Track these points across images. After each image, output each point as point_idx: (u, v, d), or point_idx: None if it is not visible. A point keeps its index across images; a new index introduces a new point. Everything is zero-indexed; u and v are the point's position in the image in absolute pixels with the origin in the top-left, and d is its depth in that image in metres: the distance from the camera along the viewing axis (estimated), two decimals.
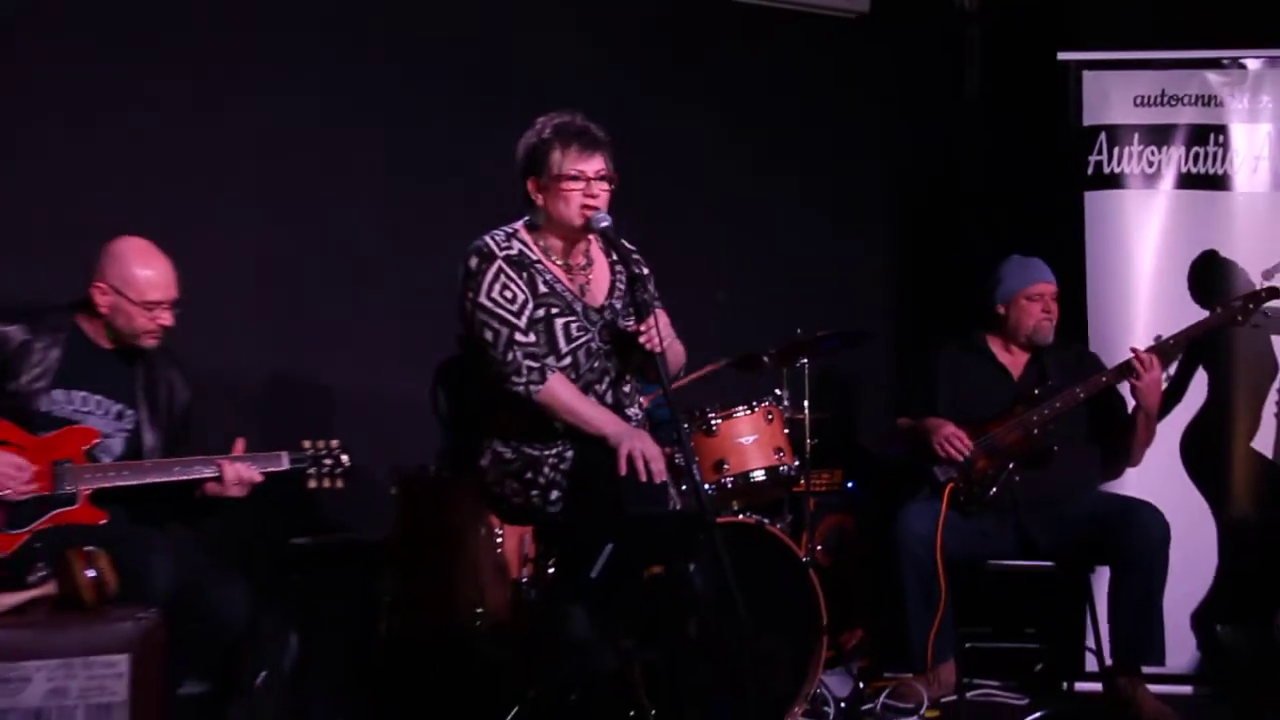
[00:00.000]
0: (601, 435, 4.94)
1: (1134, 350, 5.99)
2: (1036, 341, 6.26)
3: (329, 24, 6.88)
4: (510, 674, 5.43)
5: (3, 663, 3.53)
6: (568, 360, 5.02)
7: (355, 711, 5.81)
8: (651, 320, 4.88)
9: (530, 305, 4.98)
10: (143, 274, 5.12)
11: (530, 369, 4.92)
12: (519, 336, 4.93)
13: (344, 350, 6.75)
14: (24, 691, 3.54)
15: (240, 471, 5.03)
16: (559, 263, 5.10)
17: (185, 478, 5.09)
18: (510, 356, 4.92)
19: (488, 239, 5.05)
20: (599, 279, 5.20)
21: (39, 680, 3.57)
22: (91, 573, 3.79)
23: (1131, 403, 6.17)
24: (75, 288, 5.25)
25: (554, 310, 5.01)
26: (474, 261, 5.02)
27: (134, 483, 5.07)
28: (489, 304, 4.96)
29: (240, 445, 5.12)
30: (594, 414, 4.98)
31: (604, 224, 4.93)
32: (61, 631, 3.64)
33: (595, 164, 4.98)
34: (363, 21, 6.96)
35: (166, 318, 5.16)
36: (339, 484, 5.36)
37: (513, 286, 4.98)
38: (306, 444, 5.29)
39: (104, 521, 5.01)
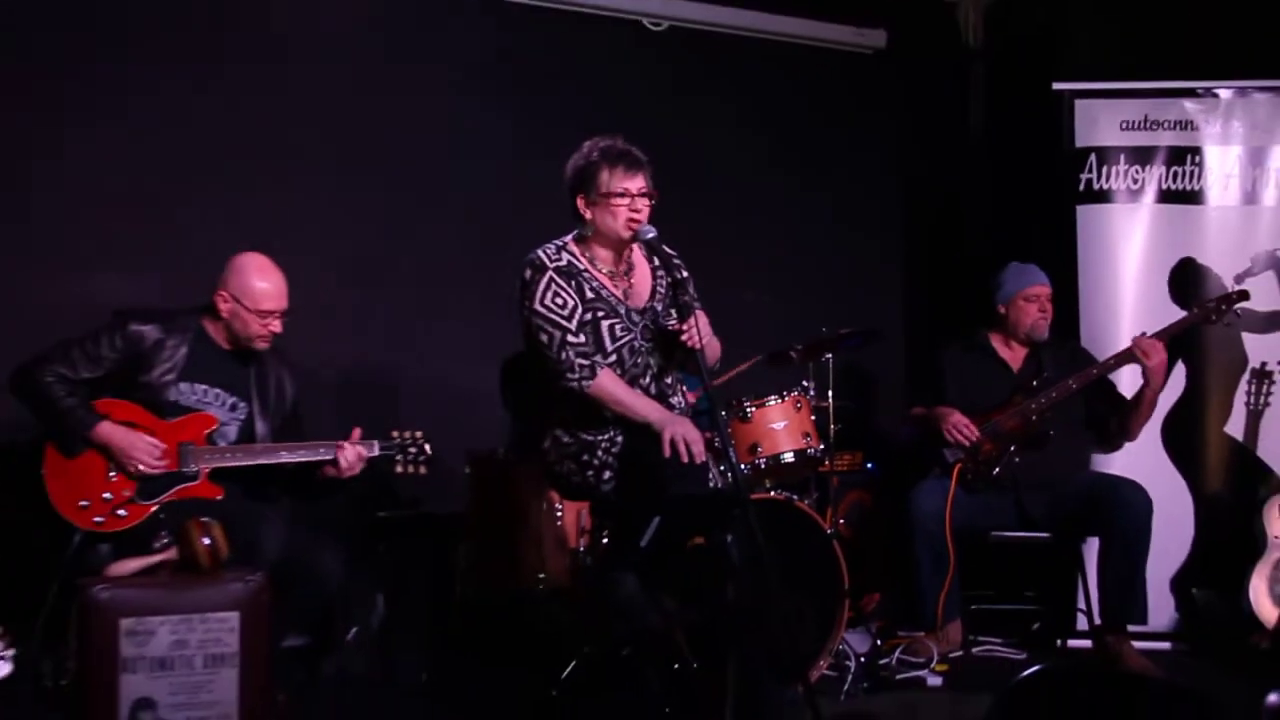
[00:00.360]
0: (646, 422, 4.94)
1: (1135, 339, 5.96)
2: (1034, 338, 6.24)
3: (413, 52, 6.90)
4: (568, 632, 5.42)
5: (133, 618, 3.55)
6: (614, 357, 5.02)
7: (433, 664, 5.79)
8: (692, 320, 4.88)
9: (579, 310, 4.98)
10: (259, 286, 5.18)
11: (582, 366, 4.92)
12: (570, 338, 4.94)
13: (427, 351, 6.76)
14: (151, 642, 3.56)
15: (360, 452, 5.16)
16: (604, 270, 5.09)
17: (293, 460, 5.19)
18: (564, 356, 4.92)
19: (539, 252, 5.06)
20: (640, 284, 5.18)
21: (163, 633, 3.59)
22: (207, 541, 3.81)
23: (1125, 388, 6.21)
24: (190, 293, 5.34)
25: (600, 313, 5.01)
26: (528, 273, 5.03)
27: (245, 464, 5.18)
28: (543, 310, 4.97)
29: (356, 433, 5.21)
30: (639, 404, 4.98)
31: (650, 235, 4.93)
32: (182, 591, 3.66)
33: (638, 182, 4.98)
34: (447, 52, 6.97)
35: (276, 325, 5.23)
36: (422, 470, 5.41)
37: (563, 294, 4.98)
38: (395, 434, 5.36)
39: (220, 497, 5.11)
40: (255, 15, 6.52)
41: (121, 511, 5.02)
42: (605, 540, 5.24)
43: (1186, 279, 6.66)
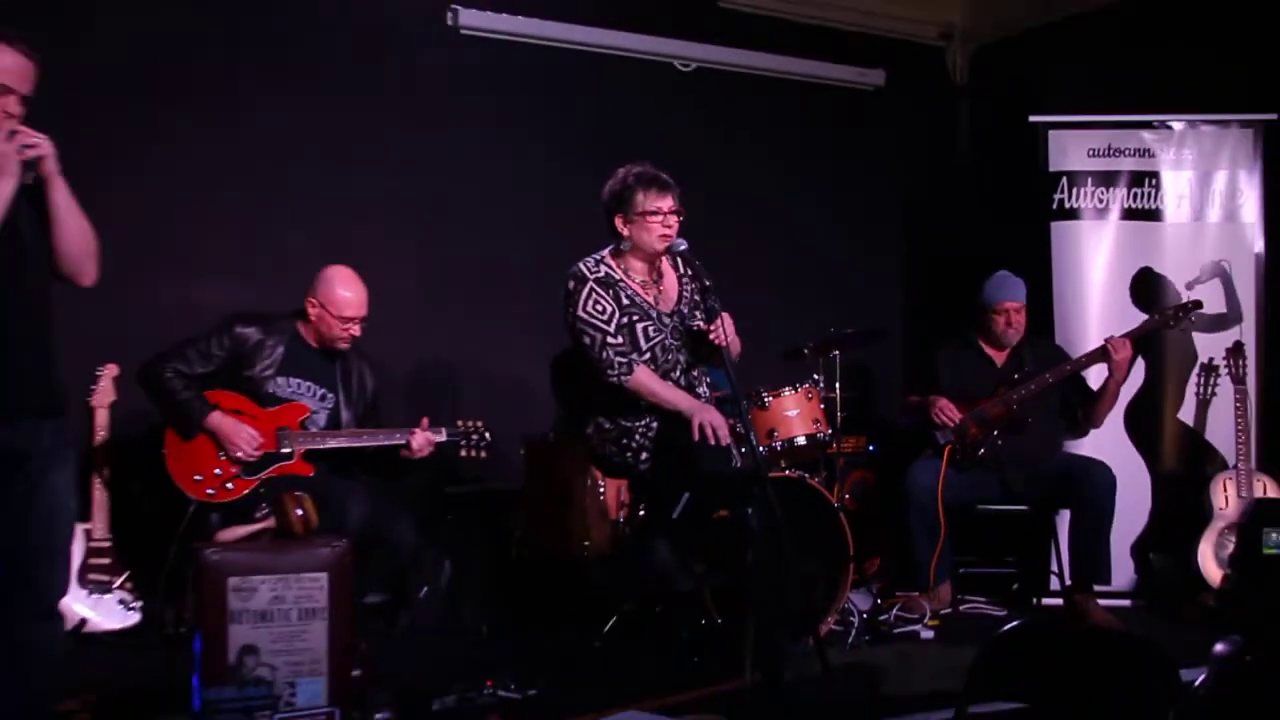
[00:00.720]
0: (677, 410, 4.99)
1: (1108, 339, 5.98)
2: (1004, 344, 6.25)
3: (475, 90, 6.93)
4: (610, 592, 5.46)
5: (239, 577, 3.60)
6: (648, 355, 5.05)
7: (493, 618, 5.81)
8: (719, 321, 4.94)
9: (617, 315, 5.02)
10: (343, 295, 5.26)
11: (620, 364, 4.97)
12: (610, 340, 4.98)
13: (487, 349, 6.75)
14: (254, 598, 3.60)
15: (429, 437, 5.28)
16: (637, 280, 5.12)
17: (373, 444, 5.30)
18: (604, 355, 4.98)
19: (580, 266, 5.10)
20: (669, 290, 5.22)
21: (264, 590, 3.62)
22: (300, 511, 3.85)
23: (1094, 383, 6.19)
24: (286, 299, 5.43)
25: (634, 317, 5.05)
26: (571, 284, 5.08)
27: (332, 446, 5.31)
28: (585, 316, 5.01)
29: (425, 422, 5.31)
30: (671, 394, 5.02)
31: (681, 247, 4.99)
32: (279, 555, 3.69)
33: (669, 201, 5.02)
34: (505, 90, 7.01)
35: (356, 330, 5.32)
36: (482, 454, 5.51)
37: (602, 301, 5.02)
38: (460, 423, 5.45)
39: (311, 474, 5.22)
40: (341, 53, 6.56)
41: (229, 485, 5.15)
42: (641, 512, 5.28)
43: (1146, 285, 6.67)
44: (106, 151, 5.69)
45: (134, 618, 5.40)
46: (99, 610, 5.34)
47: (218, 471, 5.13)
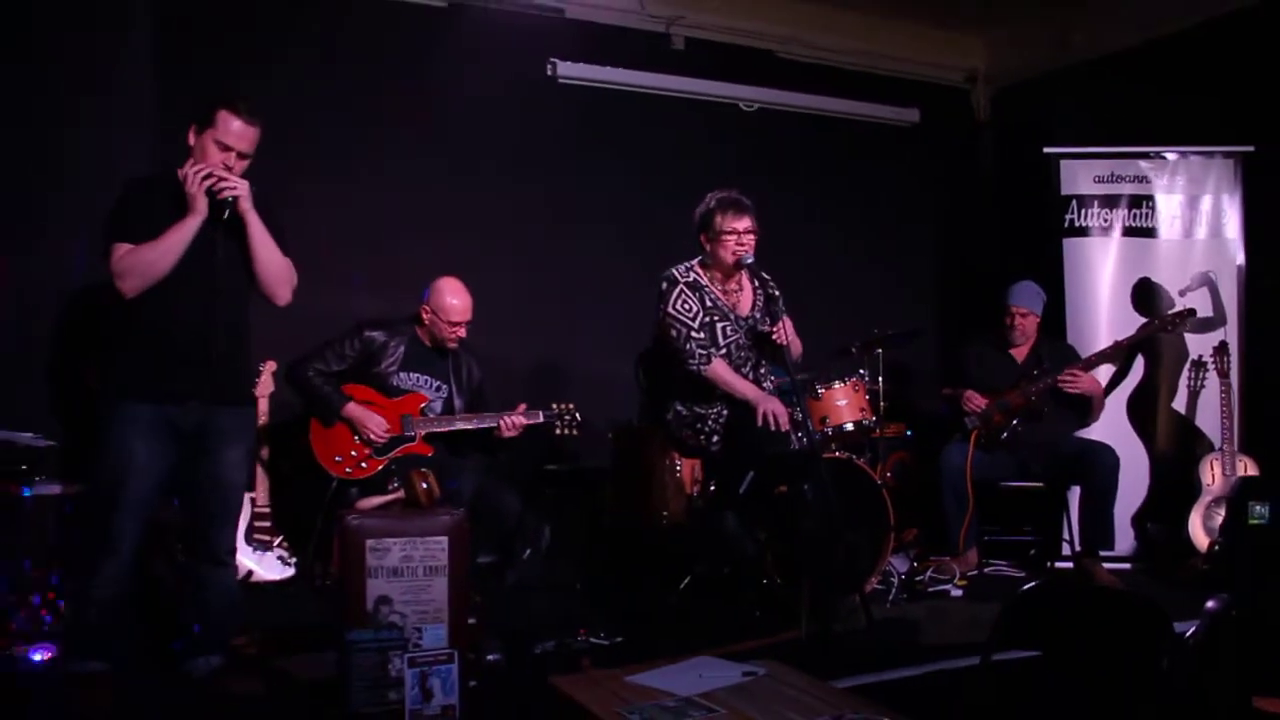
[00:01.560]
0: (745, 399, 4.99)
1: (1066, 372, 5.93)
2: (1014, 343, 6.18)
3: (570, 130, 6.97)
4: (684, 555, 5.45)
5: (374, 539, 3.62)
6: (724, 351, 5.07)
7: (586, 577, 5.83)
8: (781, 325, 4.94)
9: (701, 314, 5.05)
10: (451, 302, 5.29)
11: (700, 355, 4.99)
12: (693, 334, 5.01)
13: (581, 345, 6.77)
14: (387, 557, 3.62)
15: (516, 421, 5.27)
16: (720, 288, 5.15)
17: (480, 426, 5.31)
18: (688, 347, 4.99)
19: (674, 270, 5.15)
20: (745, 298, 5.23)
21: (395, 550, 3.64)
22: (424, 485, 3.87)
23: (1101, 377, 6.17)
24: (407, 305, 5.49)
25: (715, 319, 5.07)
26: (664, 285, 5.12)
27: (448, 429, 5.33)
28: (674, 313, 5.05)
29: (521, 407, 5.33)
30: (741, 385, 5.02)
31: (749, 261, 5.00)
32: (408, 521, 3.70)
33: (744, 223, 5.03)
34: (602, 129, 7.06)
35: (462, 332, 5.35)
36: (575, 432, 5.49)
37: (689, 301, 5.05)
38: (554, 405, 5.44)
39: (431, 453, 5.25)
40: (453, 103, 6.63)
41: (363, 465, 5.20)
42: (712, 488, 5.27)
43: (1144, 292, 6.64)
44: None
45: (289, 571, 5.47)
46: (262, 564, 5.42)
47: (354, 453, 5.19)
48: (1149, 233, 6.70)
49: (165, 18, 5.76)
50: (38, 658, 4.15)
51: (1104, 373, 6.23)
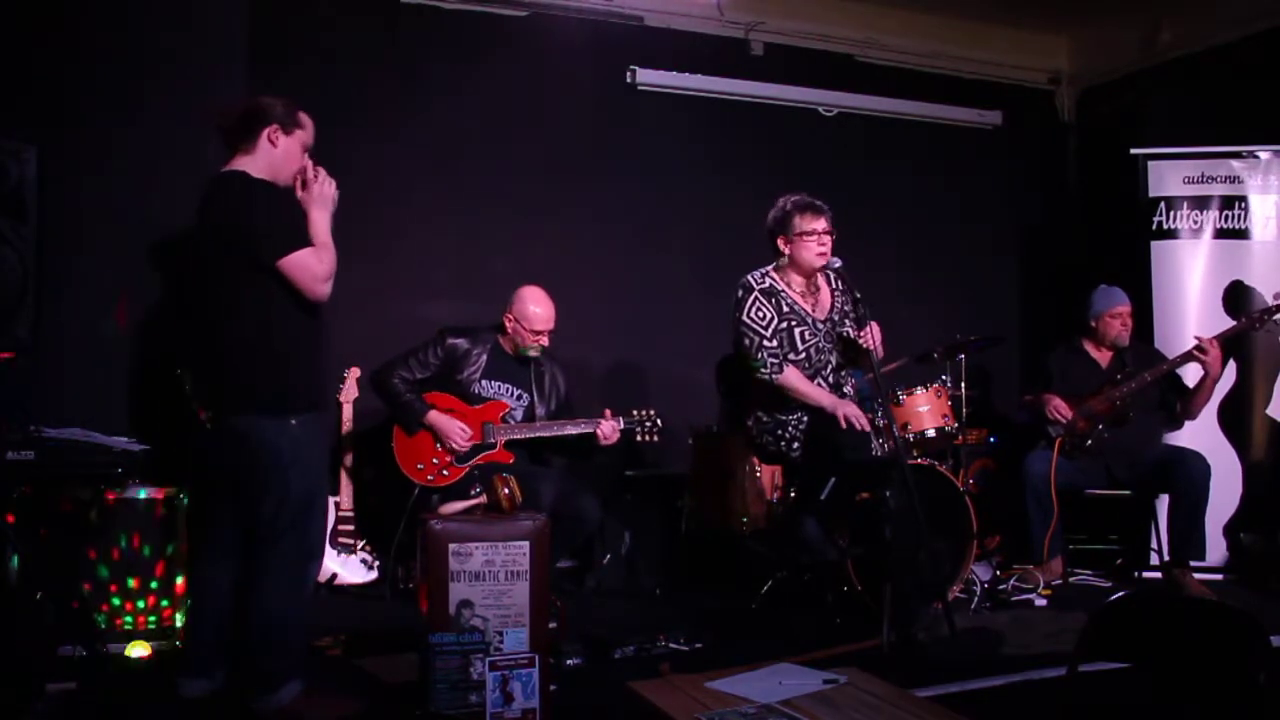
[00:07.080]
0: (819, 406, 4.97)
1: (1197, 338, 5.82)
2: (1117, 345, 6.08)
3: (650, 138, 6.99)
4: (766, 561, 5.44)
5: (457, 543, 3.65)
6: (803, 355, 5.04)
7: (666, 581, 5.84)
8: (869, 329, 4.92)
9: (776, 321, 5.02)
10: (534, 311, 5.34)
11: (772, 363, 4.97)
12: (766, 342, 4.99)
13: (663, 353, 6.77)
14: (469, 561, 3.65)
15: (615, 425, 5.38)
16: (797, 290, 5.12)
17: (561, 433, 5.36)
18: (760, 355, 4.97)
19: (748, 278, 5.12)
20: (823, 301, 5.20)
21: (478, 554, 3.66)
22: (506, 491, 3.89)
23: (1189, 381, 6.01)
24: (490, 313, 5.55)
25: (793, 323, 5.04)
26: (740, 293, 5.09)
27: (529, 436, 5.40)
28: (748, 321, 5.03)
29: (609, 413, 5.39)
30: (814, 392, 4.99)
31: (836, 265, 4.97)
32: (490, 526, 3.73)
33: (822, 223, 5.01)
34: (685, 135, 7.08)
35: (545, 340, 5.41)
36: (655, 439, 5.54)
37: (764, 309, 5.03)
38: (635, 412, 5.47)
39: (512, 460, 5.30)
40: (533, 110, 6.69)
41: (445, 471, 5.27)
42: (793, 494, 5.25)
43: (1236, 296, 6.45)
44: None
45: (373, 574, 5.56)
46: (346, 567, 5.52)
47: (436, 460, 5.26)
48: (1242, 234, 6.53)
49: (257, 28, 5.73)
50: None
51: (1191, 375, 6.10)
